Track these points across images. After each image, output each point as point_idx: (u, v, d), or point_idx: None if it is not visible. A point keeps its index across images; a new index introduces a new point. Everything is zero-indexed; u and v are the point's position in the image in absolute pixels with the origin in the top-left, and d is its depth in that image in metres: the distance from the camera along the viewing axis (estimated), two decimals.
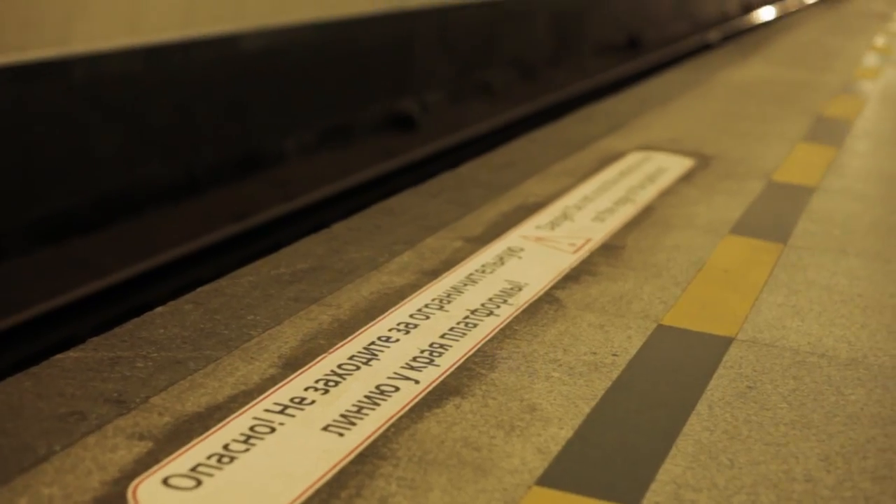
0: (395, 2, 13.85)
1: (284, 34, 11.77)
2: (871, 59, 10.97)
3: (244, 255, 8.41)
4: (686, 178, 6.06)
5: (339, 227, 4.84)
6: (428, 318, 3.87)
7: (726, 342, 3.89)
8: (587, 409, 3.27)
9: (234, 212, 10.11)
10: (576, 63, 19.21)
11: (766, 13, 26.65)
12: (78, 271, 8.03)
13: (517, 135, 9.72)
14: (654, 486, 2.88)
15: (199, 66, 10.64)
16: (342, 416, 3.11)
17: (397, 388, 3.30)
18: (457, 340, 3.69)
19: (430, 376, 3.40)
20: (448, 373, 3.44)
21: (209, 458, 2.84)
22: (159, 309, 3.82)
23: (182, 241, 8.82)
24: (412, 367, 3.46)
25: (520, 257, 4.59)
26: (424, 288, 4.15)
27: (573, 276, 4.41)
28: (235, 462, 2.83)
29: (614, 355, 3.69)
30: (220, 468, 2.80)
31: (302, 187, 10.90)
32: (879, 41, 12.60)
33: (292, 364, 3.42)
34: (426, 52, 14.88)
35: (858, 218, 5.65)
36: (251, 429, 3.01)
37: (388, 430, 3.05)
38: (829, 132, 7.53)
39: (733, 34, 21.60)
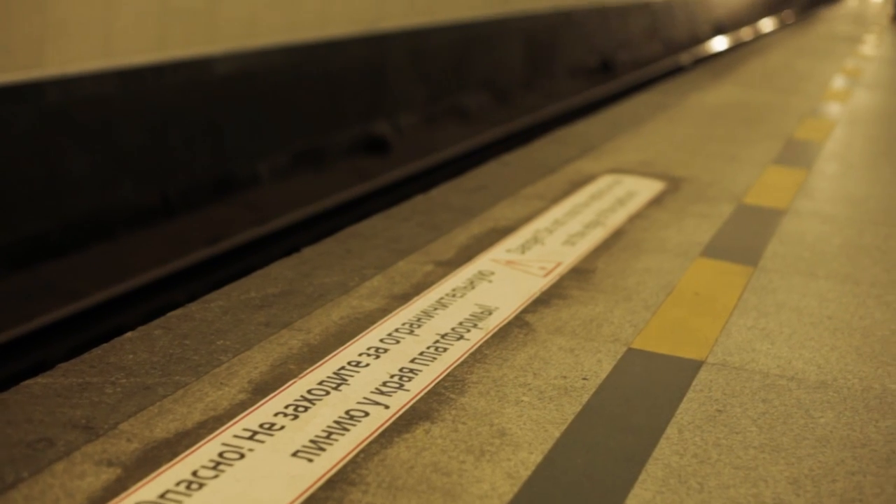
0: (369, 25, 13.88)
1: (258, 57, 11.79)
2: (840, 82, 11.04)
3: (217, 278, 8.40)
4: (657, 201, 6.08)
5: (309, 252, 4.84)
6: (398, 342, 3.87)
7: (696, 365, 3.90)
8: (557, 434, 3.27)
9: (207, 235, 10.10)
10: (549, 86, 19.29)
11: (738, 37, 26.80)
12: (49, 296, 8.01)
13: (491, 157, 9.76)
14: None
15: (172, 88, 10.64)
16: (312, 441, 3.10)
17: (367, 414, 3.29)
18: (427, 365, 3.69)
19: (399, 401, 3.40)
20: (418, 398, 3.43)
21: (178, 484, 2.83)
22: (129, 334, 3.80)
23: (155, 265, 8.81)
24: (382, 392, 3.45)
25: (490, 281, 4.59)
26: (394, 312, 4.15)
27: (543, 300, 4.42)
28: (204, 489, 2.82)
29: (584, 379, 3.69)
30: (188, 495, 2.79)
31: (276, 210, 10.90)
32: (849, 64, 12.69)
33: (262, 389, 3.42)
34: (400, 75, 14.92)
35: (828, 240, 5.68)
36: (220, 455, 3.00)
37: (357, 455, 3.04)
38: (799, 155, 7.57)
39: (705, 57, 21.72)
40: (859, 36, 16.15)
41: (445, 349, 3.84)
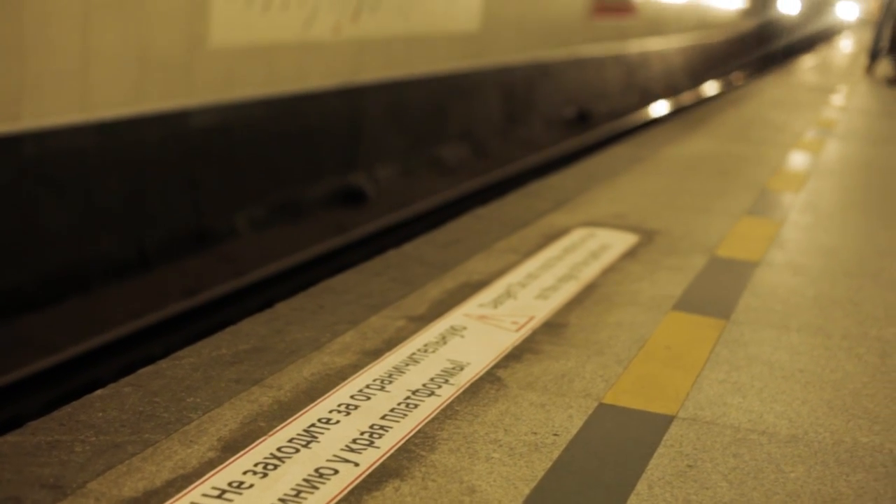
0: (346, 77, 13.92)
1: (235, 110, 11.82)
2: (814, 133, 11.12)
3: (194, 331, 8.38)
4: (630, 254, 6.11)
5: (281, 307, 4.84)
6: (369, 399, 3.87)
7: (667, 420, 3.91)
8: (527, 491, 3.27)
9: (184, 288, 10.10)
10: (526, 137, 19.38)
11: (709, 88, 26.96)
12: (25, 349, 7.98)
13: (468, 208, 9.77)
14: None
15: (149, 141, 10.65)
16: (280, 500, 3.10)
17: (336, 471, 3.29)
18: (397, 421, 3.69)
19: (369, 458, 3.40)
20: (388, 455, 3.43)
21: None
22: (99, 392, 3.80)
23: (132, 318, 8.80)
24: (352, 450, 3.45)
25: (462, 336, 4.60)
26: (366, 368, 4.15)
27: (515, 355, 4.43)
28: None
29: (555, 435, 3.69)
30: None
31: (253, 263, 10.90)
32: (823, 115, 12.79)
33: (231, 447, 3.41)
34: (377, 127, 14.96)
35: (800, 293, 5.70)
36: None
37: None
38: (772, 206, 7.61)
39: (680, 108, 21.86)
40: (833, 87, 16.27)
41: (416, 405, 3.84)
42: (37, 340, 8.20)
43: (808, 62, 22.66)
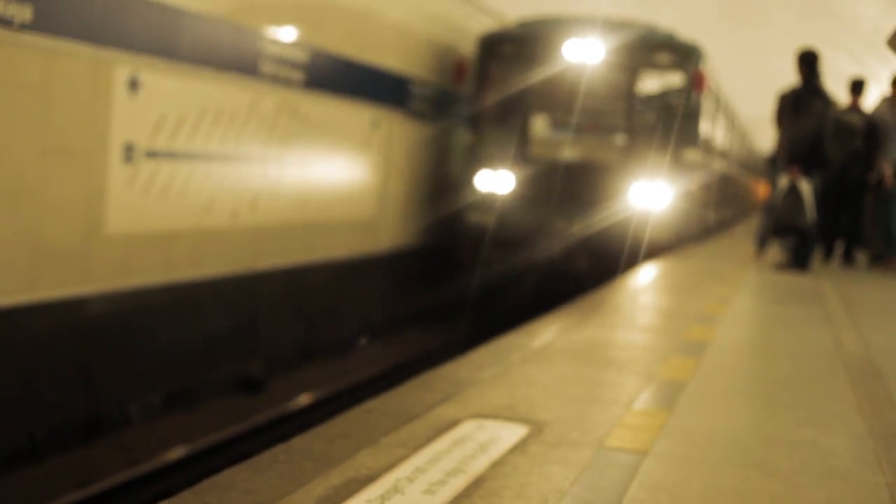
0: (244, 264, 14.02)
1: (131, 297, 11.83)
2: (705, 320, 11.33)
3: None
4: (519, 446, 6.14)
5: None
6: None
7: None
8: None
9: (76, 478, 9.98)
10: (424, 323, 19.52)
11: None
12: None
13: (370, 393, 9.76)
14: None
15: (42, 329, 10.60)
16: None
17: None
18: None
19: None
20: None
21: None
22: None
23: None
24: None
25: None
26: None
27: None
28: None
29: None
30: None
31: (147, 452, 10.82)
32: (713, 301, 13.05)
33: None
34: (275, 314, 15.02)
35: (687, 483, 5.75)
36: None
37: None
38: (662, 395, 7.72)
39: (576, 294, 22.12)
40: (723, 273, 16.65)
41: None
42: None
43: (699, 250, 23.16)
